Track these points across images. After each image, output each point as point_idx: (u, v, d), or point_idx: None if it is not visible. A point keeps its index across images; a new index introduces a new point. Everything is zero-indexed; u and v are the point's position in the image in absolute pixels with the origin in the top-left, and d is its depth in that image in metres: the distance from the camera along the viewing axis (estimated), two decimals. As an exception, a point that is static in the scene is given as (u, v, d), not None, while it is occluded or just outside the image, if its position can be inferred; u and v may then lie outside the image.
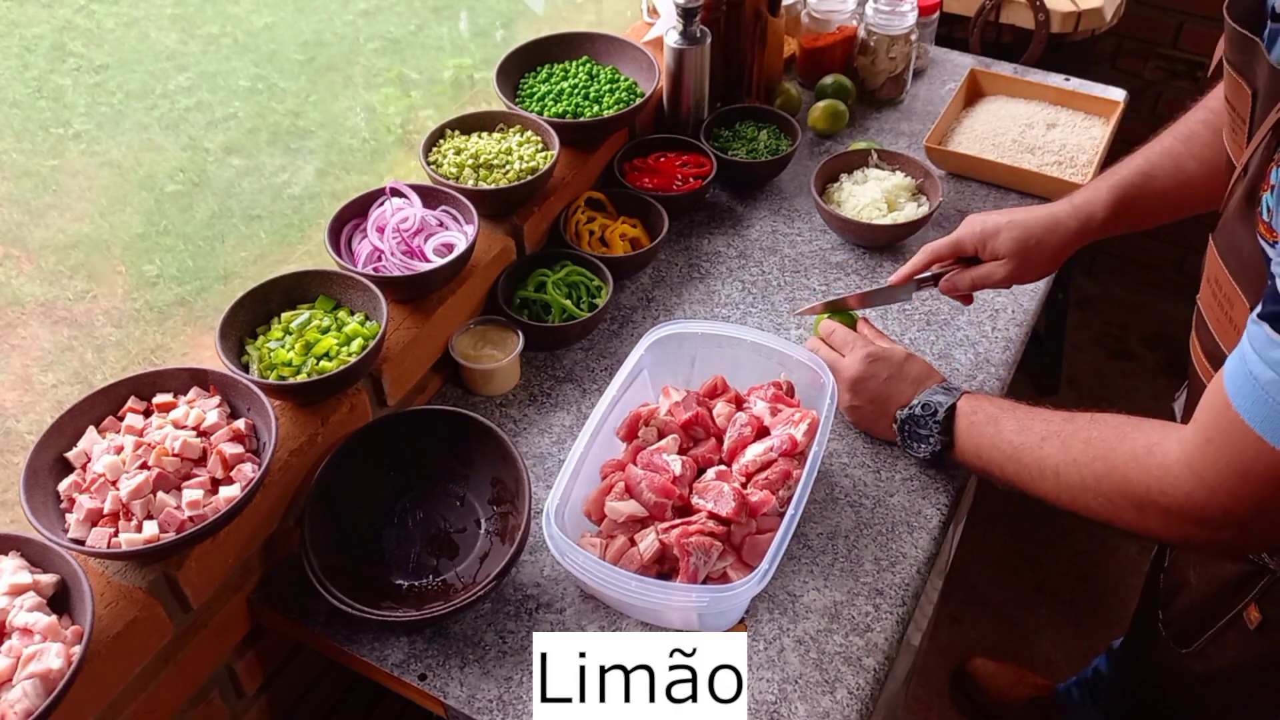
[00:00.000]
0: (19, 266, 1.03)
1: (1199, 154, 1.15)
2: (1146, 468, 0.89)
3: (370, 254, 1.24)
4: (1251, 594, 1.07)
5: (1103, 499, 0.93)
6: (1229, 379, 0.81)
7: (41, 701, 0.83)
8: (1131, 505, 0.91)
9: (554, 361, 1.38)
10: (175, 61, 1.14)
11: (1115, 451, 0.92)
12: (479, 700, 1.02)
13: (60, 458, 1.01)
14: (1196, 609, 1.15)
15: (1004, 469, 1.05)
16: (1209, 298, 1.00)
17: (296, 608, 1.10)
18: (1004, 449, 1.04)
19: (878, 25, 1.75)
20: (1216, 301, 0.98)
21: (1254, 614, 1.07)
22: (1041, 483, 1.00)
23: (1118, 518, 0.93)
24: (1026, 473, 1.02)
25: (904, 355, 1.20)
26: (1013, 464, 1.03)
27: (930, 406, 1.13)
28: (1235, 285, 0.92)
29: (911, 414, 1.15)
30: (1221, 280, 0.96)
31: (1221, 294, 0.97)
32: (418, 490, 1.18)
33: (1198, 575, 1.16)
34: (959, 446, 1.11)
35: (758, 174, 1.63)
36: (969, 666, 2.03)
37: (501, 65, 1.51)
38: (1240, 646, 1.10)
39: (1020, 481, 1.03)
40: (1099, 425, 0.96)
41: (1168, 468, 0.86)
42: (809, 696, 1.02)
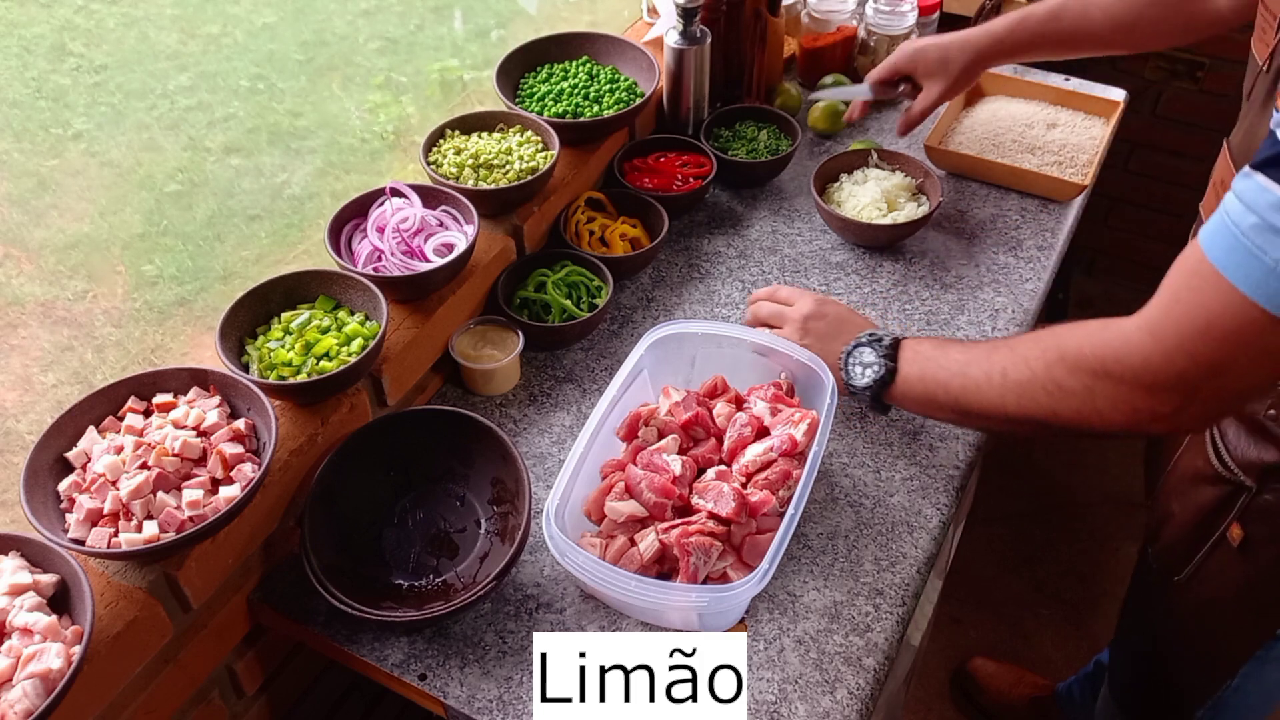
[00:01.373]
0: (19, 266, 1.03)
1: (1105, 5, 1.35)
2: (1103, 340, 0.89)
3: (370, 254, 1.24)
4: (1232, 513, 1.12)
5: (1052, 385, 0.92)
6: (1204, 236, 0.82)
7: (41, 701, 0.83)
8: (1082, 385, 0.90)
9: (554, 361, 1.38)
10: (175, 61, 1.14)
11: (1067, 336, 0.92)
12: (479, 700, 1.02)
13: (60, 458, 1.01)
14: (1183, 537, 1.20)
15: (949, 387, 1.03)
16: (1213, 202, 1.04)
17: (296, 608, 1.10)
18: (951, 366, 1.03)
19: (878, 25, 1.75)
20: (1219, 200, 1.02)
21: (1236, 532, 1.11)
22: (988, 390, 0.99)
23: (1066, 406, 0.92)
24: (973, 384, 1.00)
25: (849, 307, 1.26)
26: (959, 379, 1.02)
27: (876, 335, 1.13)
28: None
29: (858, 343, 1.15)
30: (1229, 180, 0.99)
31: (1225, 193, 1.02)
32: (418, 490, 1.18)
33: (1180, 504, 1.20)
34: (903, 373, 1.09)
35: (758, 174, 1.63)
36: (969, 666, 2.03)
37: (501, 65, 1.51)
38: (1227, 567, 1.15)
39: (964, 396, 1.01)
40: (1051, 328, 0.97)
41: (1126, 335, 0.87)
42: (809, 696, 1.02)
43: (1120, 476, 2.43)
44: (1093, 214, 2.60)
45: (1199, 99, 2.43)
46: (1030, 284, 1.47)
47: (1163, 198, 2.61)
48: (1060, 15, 1.39)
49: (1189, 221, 1.24)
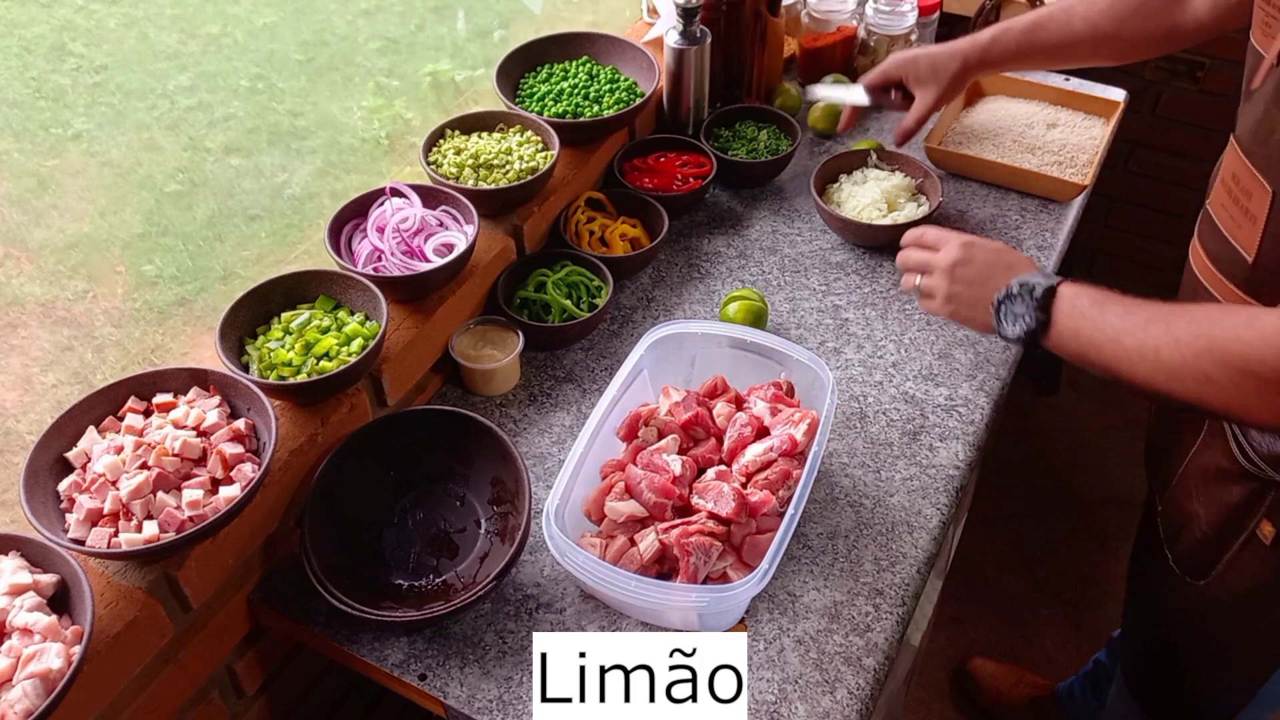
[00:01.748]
0: (19, 266, 1.03)
1: (1088, 15, 1.35)
2: (1248, 340, 0.89)
3: (370, 254, 1.24)
4: (1261, 510, 1.10)
5: (1200, 376, 0.93)
6: None
7: (41, 701, 0.83)
8: (1230, 380, 0.91)
9: (554, 361, 1.38)
10: (175, 61, 1.14)
11: (1219, 325, 0.92)
12: (479, 700, 1.02)
13: (60, 458, 1.01)
14: (1208, 538, 1.17)
15: (1101, 351, 1.02)
16: (1222, 197, 1.06)
17: (296, 608, 1.10)
18: (1106, 331, 1.02)
19: (878, 25, 1.75)
20: (1231, 198, 1.03)
21: (1267, 529, 1.09)
22: (1140, 365, 0.99)
23: (1214, 396, 0.93)
24: (1126, 356, 1.00)
25: (999, 243, 1.20)
26: (1112, 346, 1.01)
27: (1028, 285, 1.10)
28: (1257, 175, 0.97)
29: (1009, 292, 1.11)
30: (1240, 174, 1.01)
31: (1239, 188, 1.01)
32: (418, 490, 1.18)
33: (1203, 504, 1.18)
34: (1057, 328, 1.07)
35: (758, 174, 1.63)
36: (969, 666, 2.03)
37: (501, 65, 1.51)
38: (1261, 565, 1.12)
39: (1117, 364, 1.02)
40: (1205, 308, 0.97)
41: (1267, 338, 0.87)
42: (809, 696, 1.02)
43: (1120, 477, 2.43)
44: (1093, 214, 2.60)
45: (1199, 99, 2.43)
46: (1030, 284, 1.47)
47: (1163, 198, 2.61)
48: (1043, 25, 1.39)
49: (1189, 222, 1.23)
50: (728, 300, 1.39)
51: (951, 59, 1.46)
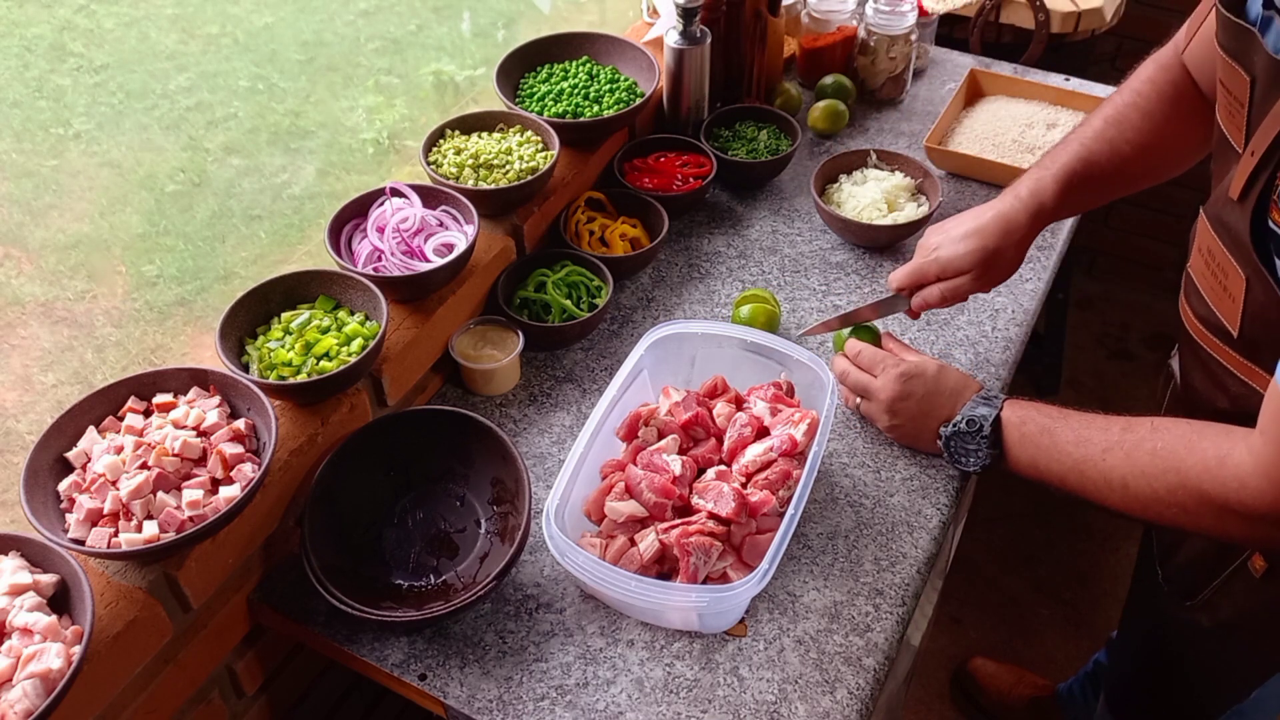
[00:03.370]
0: (19, 266, 1.03)
1: (1132, 138, 1.20)
2: (1221, 480, 0.89)
3: (370, 254, 1.24)
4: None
5: (1178, 509, 0.93)
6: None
7: (41, 701, 0.83)
8: (1210, 514, 0.91)
9: (554, 361, 1.38)
10: (175, 61, 1.14)
11: (1185, 463, 0.92)
12: (479, 700, 1.02)
13: (60, 458, 1.01)
14: (1198, 561, 1.16)
15: (1065, 480, 1.04)
16: (1201, 266, 1.02)
17: (296, 608, 1.10)
18: (1064, 461, 1.03)
19: (878, 25, 1.75)
20: (1210, 270, 1.00)
21: (1259, 563, 1.08)
22: (1109, 495, 1.00)
23: (1197, 525, 0.94)
24: (1091, 485, 1.01)
25: (937, 367, 1.18)
26: (1074, 475, 1.03)
27: (975, 422, 1.11)
28: (1230, 258, 0.94)
29: (956, 430, 1.13)
30: (1215, 251, 0.98)
31: (1215, 264, 0.98)
32: (418, 490, 1.18)
33: None
34: (1012, 458, 1.10)
35: (758, 174, 1.63)
36: (969, 666, 2.03)
37: (502, 65, 1.51)
38: (1247, 595, 1.12)
39: (1084, 493, 1.03)
40: (1161, 434, 0.96)
41: (1243, 480, 0.87)
42: (809, 696, 1.02)
43: (1120, 476, 2.43)
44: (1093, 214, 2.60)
45: (1199, 99, 2.43)
46: (1030, 284, 1.47)
47: (1163, 198, 2.61)
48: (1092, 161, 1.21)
49: (1189, 221, 1.23)
50: (740, 301, 1.38)
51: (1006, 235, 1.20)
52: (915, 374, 1.18)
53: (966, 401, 1.14)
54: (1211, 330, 1.04)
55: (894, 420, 1.19)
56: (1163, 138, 1.20)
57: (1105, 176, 1.22)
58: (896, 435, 1.22)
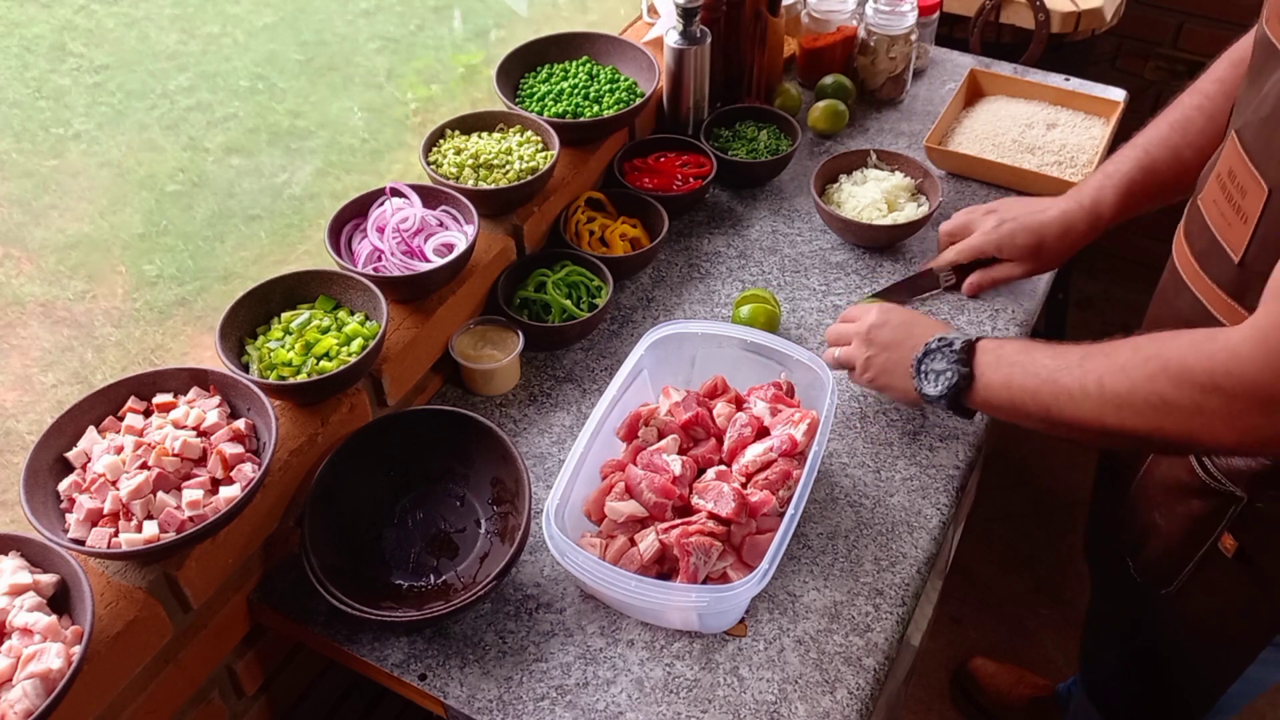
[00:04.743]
0: (19, 266, 1.03)
1: (1194, 142, 1.20)
2: (1209, 353, 0.84)
3: (370, 254, 1.24)
4: (1223, 524, 1.08)
5: (1155, 400, 0.87)
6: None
7: (41, 701, 0.83)
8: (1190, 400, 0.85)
9: (554, 361, 1.38)
10: (175, 61, 1.14)
11: (1170, 346, 0.87)
12: (479, 700, 1.02)
13: (60, 458, 1.01)
14: (1170, 549, 1.15)
15: (1038, 395, 0.98)
16: (1215, 194, 1.00)
17: (296, 608, 1.10)
18: (1040, 374, 0.97)
19: (878, 25, 1.75)
20: (1225, 195, 0.98)
21: (1229, 542, 1.07)
22: (1084, 402, 0.93)
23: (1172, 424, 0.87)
24: (1066, 394, 0.94)
25: (914, 311, 1.20)
26: (1049, 388, 0.96)
27: (946, 339, 1.08)
28: (1256, 173, 0.92)
29: (927, 350, 1.10)
30: (1238, 170, 0.95)
31: (1235, 184, 0.96)
32: (418, 490, 1.18)
33: (1164, 515, 1.15)
34: (983, 380, 1.04)
35: (758, 174, 1.63)
36: (969, 666, 2.03)
37: (501, 65, 1.51)
38: (1222, 579, 1.11)
39: (1057, 407, 0.96)
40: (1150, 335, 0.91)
41: (1234, 349, 0.82)
42: (809, 696, 1.02)
43: (1120, 476, 2.43)
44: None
45: (1199, 99, 2.43)
46: (1030, 284, 1.47)
47: (1163, 198, 2.61)
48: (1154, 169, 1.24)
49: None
50: (740, 301, 1.38)
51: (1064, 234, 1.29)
52: (893, 308, 1.20)
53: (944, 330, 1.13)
54: (1208, 265, 1.02)
55: (869, 351, 1.16)
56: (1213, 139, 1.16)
57: (1166, 183, 1.22)
58: (870, 374, 1.18)
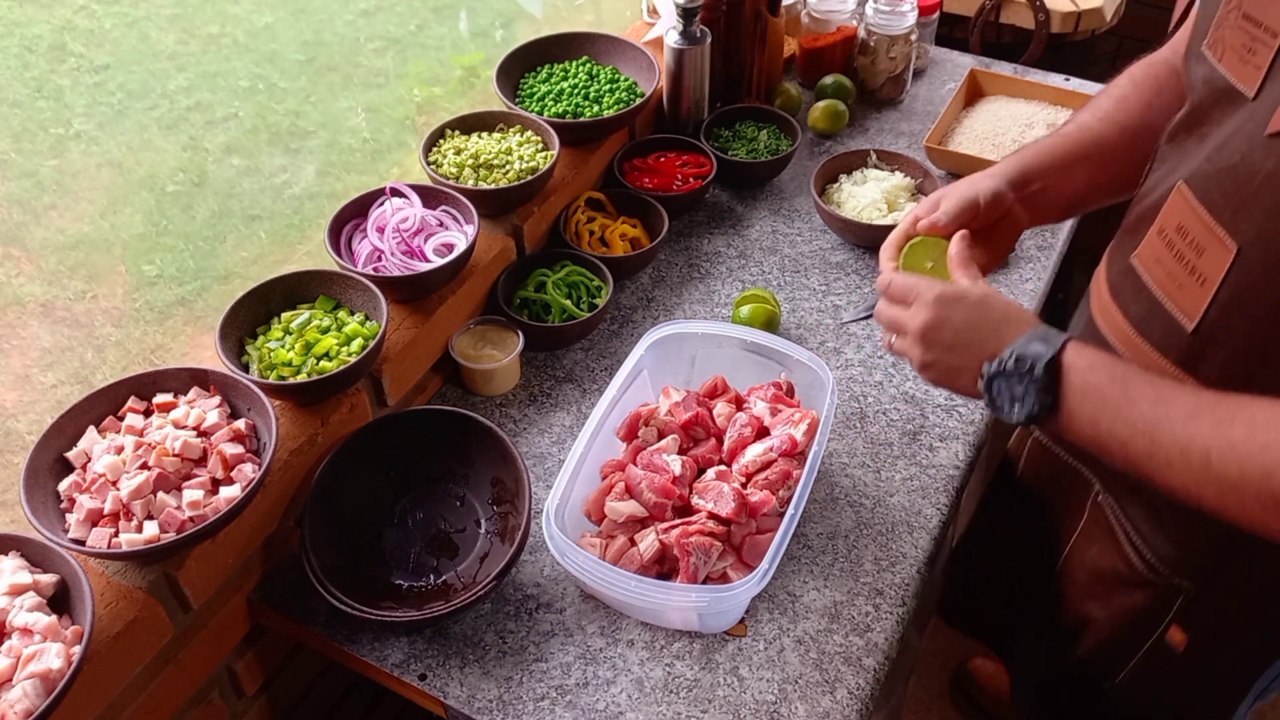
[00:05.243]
0: (19, 266, 1.03)
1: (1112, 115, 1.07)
2: None
3: (370, 254, 1.24)
4: (1169, 617, 1.01)
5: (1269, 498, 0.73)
6: None
7: (42, 701, 0.83)
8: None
9: (554, 361, 1.38)
10: (175, 61, 1.14)
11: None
12: (479, 700, 1.02)
13: (60, 458, 1.01)
14: (1113, 642, 1.09)
15: (1128, 446, 0.81)
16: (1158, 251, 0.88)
17: (296, 608, 1.10)
18: (1134, 421, 0.80)
19: (878, 25, 1.75)
20: (1173, 253, 0.86)
21: (1178, 635, 1.00)
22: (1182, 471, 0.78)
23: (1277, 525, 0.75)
24: (1163, 456, 0.79)
25: (983, 292, 0.93)
26: (1142, 442, 0.80)
27: (1025, 360, 0.86)
28: (1217, 229, 0.80)
29: (1001, 368, 0.87)
30: (1190, 226, 0.84)
31: (1186, 242, 0.84)
32: (418, 490, 1.18)
33: (1102, 608, 1.08)
34: (1069, 411, 0.84)
35: (758, 174, 1.63)
36: (969, 666, 2.03)
37: (502, 65, 1.51)
38: (1170, 670, 1.05)
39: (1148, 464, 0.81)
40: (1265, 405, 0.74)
41: None
42: (809, 696, 1.02)
43: (1120, 476, 2.43)
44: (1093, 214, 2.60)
45: (1199, 99, 2.43)
46: (1030, 284, 1.47)
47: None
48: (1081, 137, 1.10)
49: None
50: (740, 301, 1.38)
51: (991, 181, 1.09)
52: (954, 298, 0.93)
53: (1020, 335, 0.89)
54: (1150, 331, 0.90)
55: (927, 354, 0.94)
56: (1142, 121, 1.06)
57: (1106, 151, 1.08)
58: (931, 375, 0.97)
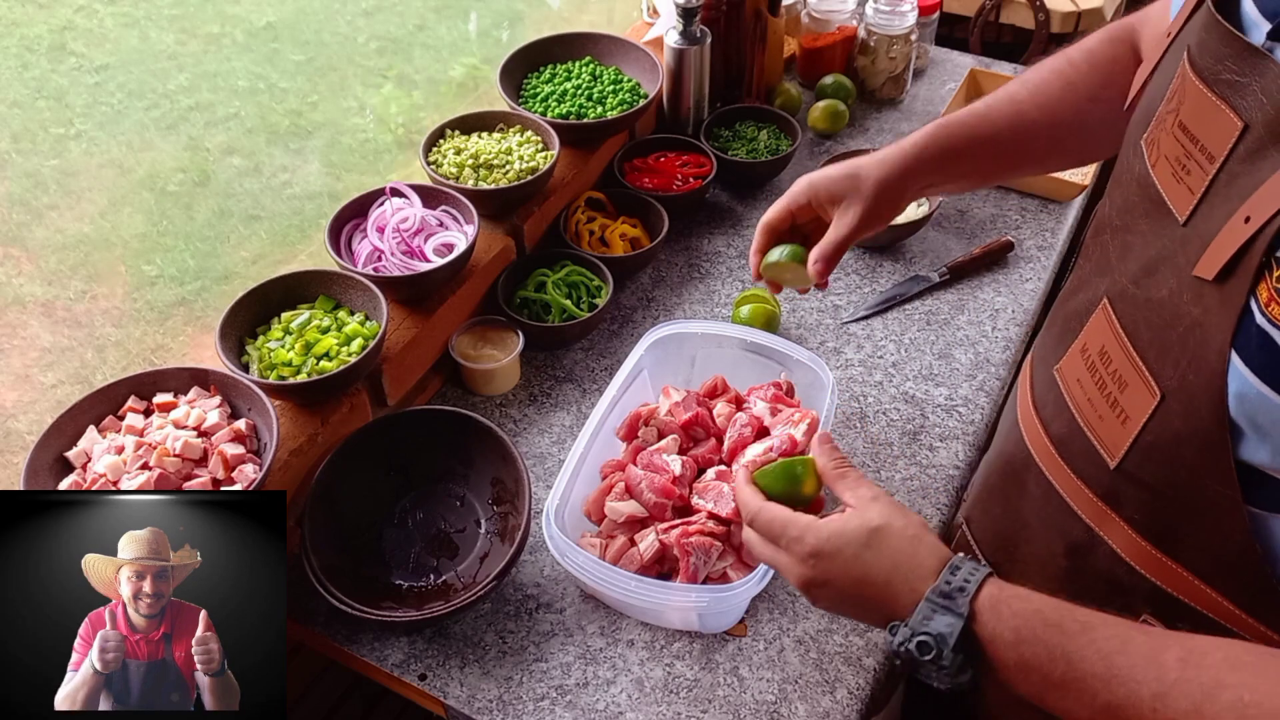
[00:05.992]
0: (19, 266, 1.03)
1: (1043, 103, 1.01)
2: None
3: (370, 254, 1.24)
4: None
5: None
6: None
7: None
8: None
9: (554, 361, 1.38)
10: (175, 61, 1.14)
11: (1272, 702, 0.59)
12: (479, 700, 1.02)
13: (60, 457, 1.01)
14: None
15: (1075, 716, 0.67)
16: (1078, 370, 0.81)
17: (296, 608, 1.10)
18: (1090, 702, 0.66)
19: (878, 25, 1.75)
20: (1095, 379, 0.78)
21: None
22: None
23: None
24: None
25: (866, 535, 0.75)
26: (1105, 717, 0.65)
27: (928, 646, 0.69)
28: (1141, 367, 0.72)
29: (905, 650, 0.70)
30: (1114, 355, 0.76)
31: (1109, 371, 0.76)
32: (418, 490, 1.18)
33: None
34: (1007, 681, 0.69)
35: (758, 174, 1.63)
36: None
37: (505, 65, 1.51)
38: None
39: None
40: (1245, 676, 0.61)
41: None
42: (809, 696, 1.02)
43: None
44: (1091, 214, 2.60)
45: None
46: (1030, 284, 1.47)
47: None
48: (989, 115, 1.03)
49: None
50: (740, 301, 1.38)
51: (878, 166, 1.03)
52: (828, 553, 0.76)
53: (917, 597, 0.71)
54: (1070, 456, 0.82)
55: (816, 604, 0.80)
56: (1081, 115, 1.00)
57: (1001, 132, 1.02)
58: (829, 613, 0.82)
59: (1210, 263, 0.66)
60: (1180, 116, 0.72)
